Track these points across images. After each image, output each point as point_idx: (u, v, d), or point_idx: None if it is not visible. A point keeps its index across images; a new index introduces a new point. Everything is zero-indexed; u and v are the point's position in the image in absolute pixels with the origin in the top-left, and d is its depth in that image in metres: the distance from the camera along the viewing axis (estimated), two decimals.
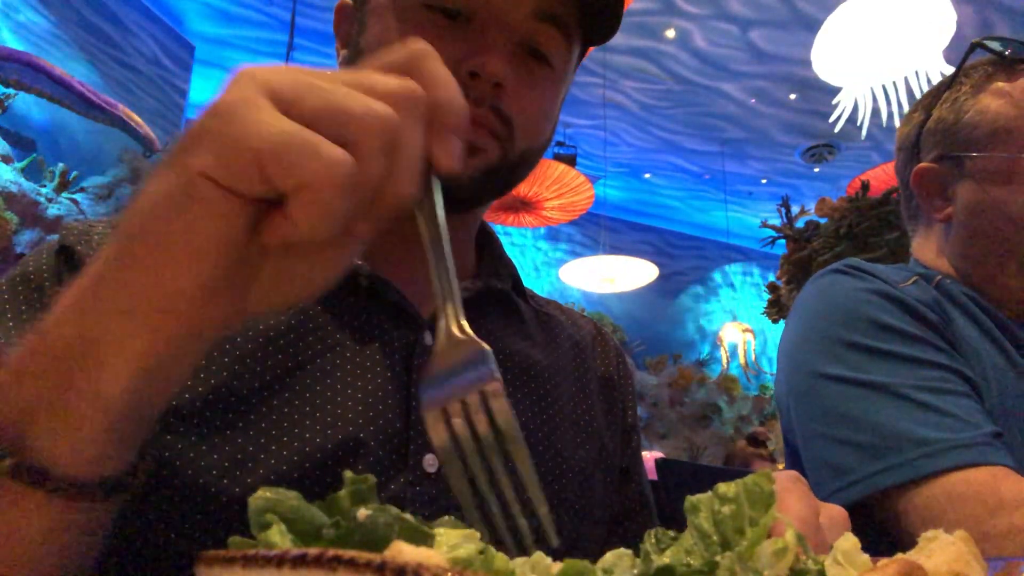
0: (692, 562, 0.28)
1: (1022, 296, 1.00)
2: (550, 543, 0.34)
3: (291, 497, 0.27)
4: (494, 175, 0.66)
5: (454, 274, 0.39)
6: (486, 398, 0.36)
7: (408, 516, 0.28)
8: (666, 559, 0.28)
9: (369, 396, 0.61)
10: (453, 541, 0.28)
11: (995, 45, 1.01)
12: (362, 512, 0.27)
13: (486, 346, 0.38)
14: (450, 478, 0.37)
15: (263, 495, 0.27)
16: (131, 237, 0.35)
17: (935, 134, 1.04)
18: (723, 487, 0.32)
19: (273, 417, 0.57)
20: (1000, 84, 0.99)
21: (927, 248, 1.08)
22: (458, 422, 0.37)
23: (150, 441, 0.40)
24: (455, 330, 0.38)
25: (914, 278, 0.99)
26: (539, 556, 0.29)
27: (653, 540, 0.32)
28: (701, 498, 0.31)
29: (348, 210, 0.33)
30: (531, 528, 0.37)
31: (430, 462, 0.60)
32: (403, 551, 0.24)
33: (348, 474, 0.31)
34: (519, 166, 0.69)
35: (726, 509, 0.31)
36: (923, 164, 1.04)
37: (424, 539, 0.28)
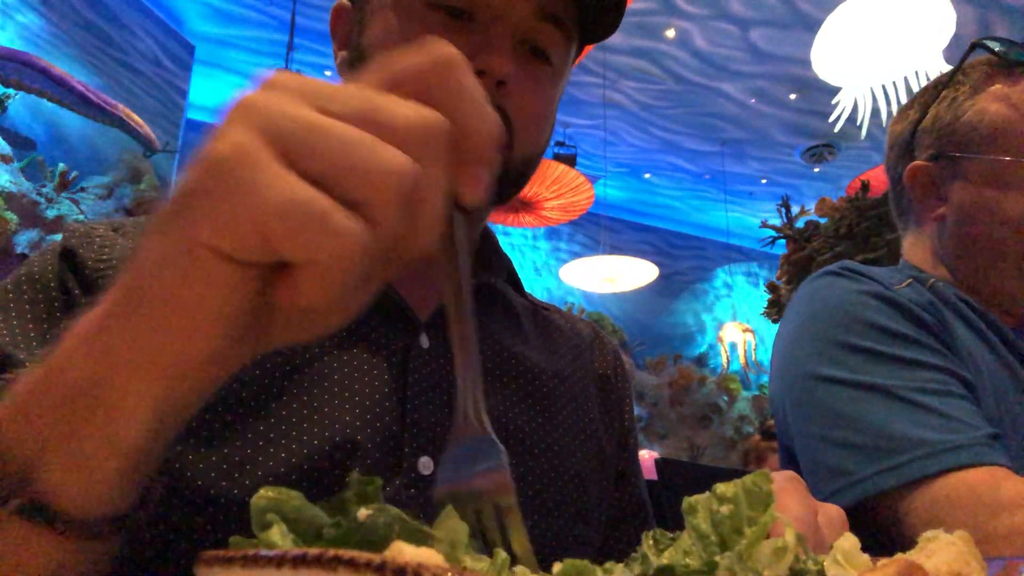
0: (691, 563, 0.28)
1: (1015, 299, 1.00)
2: None
3: (293, 497, 0.27)
4: (496, 182, 0.66)
5: (475, 339, 0.37)
6: (500, 513, 0.35)
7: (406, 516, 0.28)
8: (665, 560, 0.28)
9: (366, 399, 0.61)
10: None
11: (995, 46, 1.01)
12: (362, 512, 0.27)
13: (500, 446, 0.36)
14: None
15: (266, 495, 0.27)
16: (137, 294, 0.32)
17: (931, 133, 1.04)
18: (721, 487, 0.31)
19: (270, 420, 0.57)
20: (1000, 87, 0.99)
21: (919, 248, 1.08)
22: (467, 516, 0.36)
23: (159, 469, 0.39)
24: (474, 421, 0.37)
25: (909, 280, 0.99)
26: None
27: (651, 541, 0.32)
28: (699, 498, 0.31)
29: (361, 272, 0.31)
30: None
31: (425, 464, 0.60)
32: (403, 551, 0.24)
33: (354, 475, 0.31)
34: (522, 172, 0.69)
35: (724, 509, 0.30)
36: (918, 162, 1.04)
37: (424, 539, 0.28)
